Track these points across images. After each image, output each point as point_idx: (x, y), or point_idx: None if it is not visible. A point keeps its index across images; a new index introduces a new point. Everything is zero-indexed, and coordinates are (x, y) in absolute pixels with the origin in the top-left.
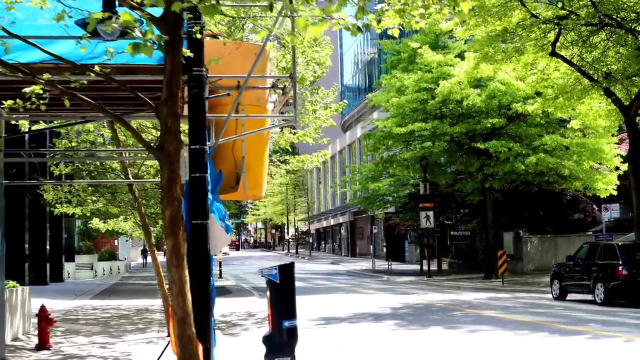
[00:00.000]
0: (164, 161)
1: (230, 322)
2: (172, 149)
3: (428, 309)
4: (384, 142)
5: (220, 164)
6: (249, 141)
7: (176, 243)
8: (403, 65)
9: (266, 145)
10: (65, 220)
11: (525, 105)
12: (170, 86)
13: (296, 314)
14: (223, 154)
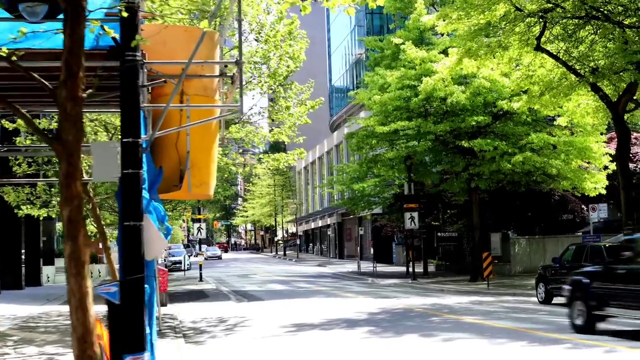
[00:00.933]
0: (60, 153)
1: (198, 329)
2: (71, 138)
3: (406, 314)
4: (367, 141)
5: (163, 160)
6: (195, 135)
7: (75, 248)
8: (386, 62)
9: (214, 139)
10: (44, 222)
11: (511, 102)
12: (69, 65)
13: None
14: (166, 149)
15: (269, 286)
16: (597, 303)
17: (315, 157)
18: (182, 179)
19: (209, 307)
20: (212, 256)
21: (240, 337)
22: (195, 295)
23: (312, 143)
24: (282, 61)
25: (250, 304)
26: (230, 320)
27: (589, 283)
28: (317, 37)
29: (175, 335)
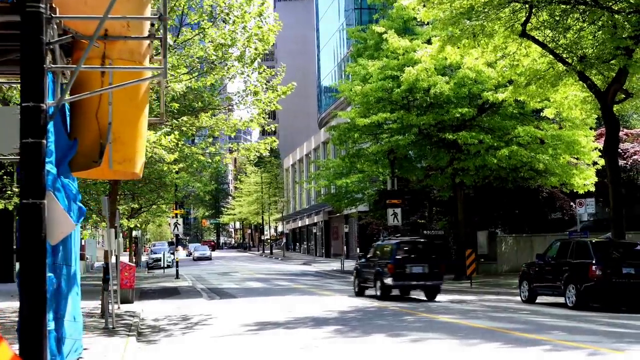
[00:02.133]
0: None
1: (157, 327)
2: None
3: (379, 312)
4: (349, 134)
5: (82, 133)
6: (118, 105)
7: None
8: (369, 53)
9: (141, 111)
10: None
11: (496, 93)
12: None
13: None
14: (86, 120)
15: (247, 284)
16: (363, 280)
17: (302, 154)
18: (103, 154)
19: (178, 305)
20: (202, 257)
21: (198, 336)
22: (168, 292)
23: (303, 141)
24: (250, 43)
25: (221, 301)
26: (194, 319)
27: (361, 269)
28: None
29: (128, 333)
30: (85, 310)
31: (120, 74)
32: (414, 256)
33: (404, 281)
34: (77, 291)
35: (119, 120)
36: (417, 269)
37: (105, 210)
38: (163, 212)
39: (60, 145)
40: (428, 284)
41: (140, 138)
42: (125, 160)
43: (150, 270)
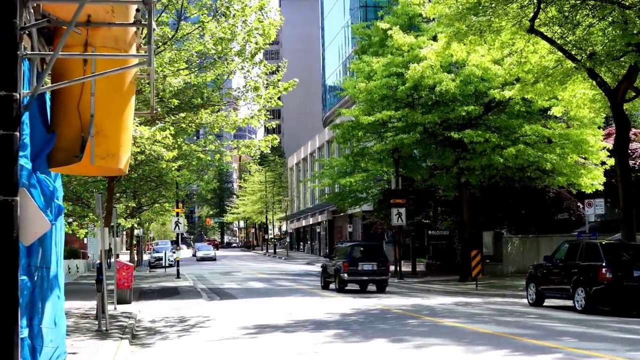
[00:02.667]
0: None
1: (153, 329)
2: None
3: (382, 315)
4: (353, 132)
5: (62, 126)
6: (102, 96)
7: None
8: (374, 50)
9: (127, 103)
10: None
11: (503, 91)
12: None
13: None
14: (66, 112)
15: (249, 284)
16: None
17: (307, 153)
18: (84, 149)
19: (176, 306)
20: (205, 257)
21: (194, 339)
22: (168, 292)
23: (307, 140)
24: (250, 37)
25: (221, 302)
26: (191, 320)
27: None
28: (314, 35)
29: (121, 336)
30: (80, 311)
31: (103, 63)
32: (365, 256)
33: (357, 276)
34: (59, 294)
35: (102, 112)
36: (368, 266)
37: (99, 209)
38: (166, 211)
39: (36, 139)
40: (377, 279)
41: (125, 132)
42: (108, 155)
43: (152, 269)
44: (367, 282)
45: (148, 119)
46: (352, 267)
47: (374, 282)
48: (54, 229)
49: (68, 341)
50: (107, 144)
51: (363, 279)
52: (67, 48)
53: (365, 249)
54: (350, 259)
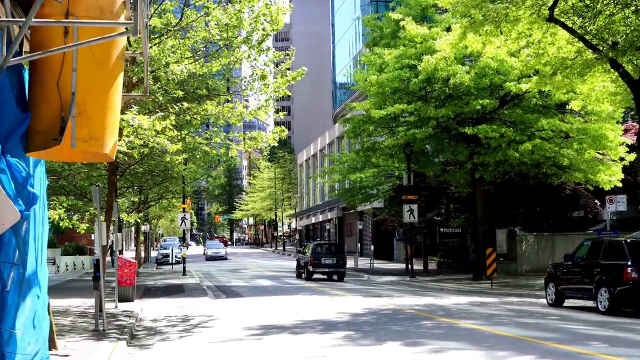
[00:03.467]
0: None
1: (153, 329)
2: None
3: (394, 316)
4: (363, 127)
5: (40, 106)
6: (84, 72)
7: None
8: (385, 42)
9: (113, 80)
10: None
11: (519, 84)
12: None
13: None
14: (45, 91)
15: (256, 282)
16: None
17: (317, 149)
18: (64, 131)
19: (181, 304)
20: (215, 256)
21: (196, 340)
22: (172, 290)
23: (316, 137)
24: (257, 24)
25: (227, 301)
26: (195, 320)
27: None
28: (324, 33)
29: (119, 337)
30: (80, 309)
31: (85, 34)
32: (327, 252)
33: (320, 268)
34: (39, 293)
35: (85, 90)
36: (329, 260)
37: (97, 201)
38: (174, 207)
39: (7, 117)
40: (337, 271)
41: (111, 112)
42: (91, 138)
43: (159, 266)
44: (329, 274)
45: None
46: (316, 261)
47: (334, 273)
48: (34, 221)
49: (61, 342)
50: (90, 125)
51: (325, 270)
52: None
53: (328, 246)
54: (315, 255)
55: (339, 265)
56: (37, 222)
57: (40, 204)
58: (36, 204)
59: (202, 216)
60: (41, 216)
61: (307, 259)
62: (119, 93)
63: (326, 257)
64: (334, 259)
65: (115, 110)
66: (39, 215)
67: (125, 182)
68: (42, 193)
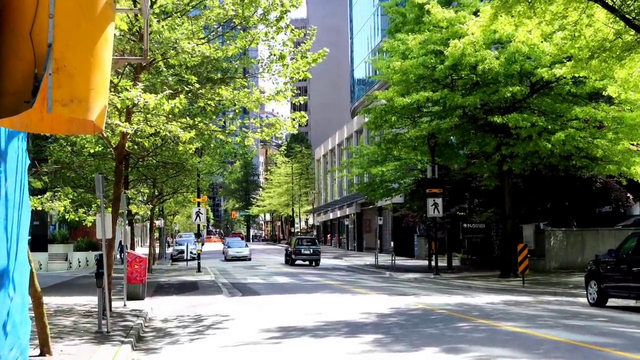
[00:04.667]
0: None
1: (163, 330)
2: None
3: (425, 317)
4: (385, 117)
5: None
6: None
7: None
8: (409, 28)
9: (101, 31)
10: None
11: (552, 70)
12: None
13: None
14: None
15: (274, 279)
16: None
17: (334, 144)
18: (37, 91)
19: (194, 302)
20: (237, 257)
21: (208, 344)
22: (186, 287)
23: (333, 132)
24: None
25: (243, 299)
26: (208, 320)
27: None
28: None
29: (123, 340)
30: (85, 309)
31: None
32: (306, 244)
33: (300, 256)
34: (11, 294)
35: (66, 41)
36: (307, 251)
37: (100, 191)
38: (189, 202)
39: None
40: (313, 258)
41: (97, 70)
42: (73, 101)
43: (174, 262)
44: (308, 260)
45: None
46: (297, 251)
47: (311, 260)
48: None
49: (58, 346)
50: (71, 85)
51: (305, 257)
52: None
53: (307, 240)
54: (296, 247)
55: (314, 254)
56: (10, 207)
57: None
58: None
59: (219, 213)
60: (18, 200)
61: (291, 250)
62: (108, 47)
63: (305, 248)
64: (311, 249)
65: (104, 68)
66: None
67: (138, 174)
68: (20, 173)
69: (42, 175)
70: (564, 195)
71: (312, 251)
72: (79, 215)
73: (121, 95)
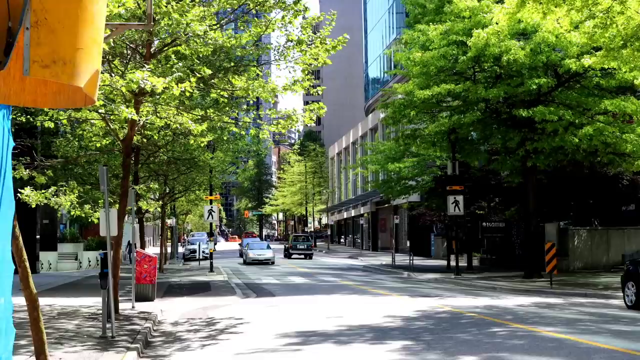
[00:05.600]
0: None
1: (172, 335)
2: None
3: (455, 321)
4: (404, 112)
5: None
6: None
7: None
8: (429, 18)
9: None
10: None
11: (580, 61)
12: None
13: None
14: None
15: (289, 279)
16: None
17: (349, 142)
18: (11, 48)
19: (205, 304)
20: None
21: (221, 350)
22: (198, 287)
23: (346, 131)
24: None
25: (257, 301)
26: (221, 323)
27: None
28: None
29: (129, 346)
30: (90, 311)
31: None
32: (301, 240)
33: (296, 250)
34: None
35: None
36: (302, 245)
37: (104, 183)
38: (201, 201)
39: None
40: (306, 252)
41: (87, 25)
42: (56, 62)
43: (186, 262)
44: (303, 254)
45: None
46: (293, 246)
47: (305, 254)
48: None
49: (57, 353)
50: (54, 42)
51: (299, 252)
52: None
53: (302, 237)
54: (293, 242)
55: (307, 249)
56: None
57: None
58: None
59: (231, 212)
60: None
61: (288, 245)
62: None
63: (300, 244)
64: (305, 245)
65: (94, 24)
66: None
67: (149, 170)
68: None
69: (45, 169)
70: (588, 193)
71: (306, 246)
72: (85, 211)
73: (126, 78)
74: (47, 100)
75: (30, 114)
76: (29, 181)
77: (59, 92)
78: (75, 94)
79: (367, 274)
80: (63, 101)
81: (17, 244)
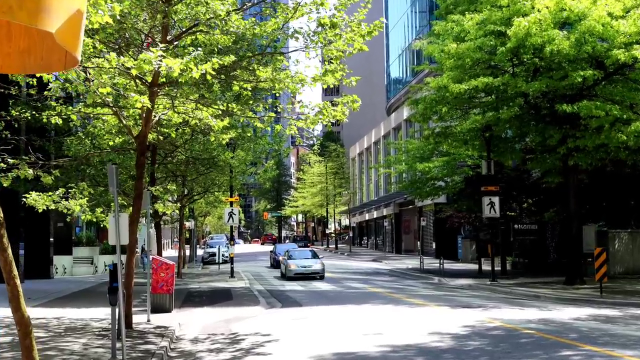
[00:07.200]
0: None
1: (192, 355)
2: None
3: (513, 340)
4: (436, 108)
5: None
6: None
7: None
8: (462, 9)
9: None
10: None
11: (630, 52)
12: None
13: None
14: None
15: (313, 285)
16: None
17: (370, 142)
18: None
19: (227, 316)
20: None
21: None
22: (219, 296)
23: (367, 131)
24: None
25: (283, 311)
26: (246, 341)
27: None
28: None
29: None
30: (102, 325)
31: None
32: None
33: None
34: None
35: None
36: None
37: (113, 184)
38: (220, 203)
39: None
40: None
41: None
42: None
43: (205, 265)
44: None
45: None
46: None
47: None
48: None
49: None
50: None
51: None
52: None
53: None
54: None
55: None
56: None
57: None
58: None
59: (250, 214)
60: None
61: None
62: None
63: (299, 243)
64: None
65: None
66: None
67: (166, 171)
68: None
69: (52, 169)
70: (629, 194)
71: (304, 244)
72: (96, 215)
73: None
74: (12, 63)
75: (35, 109)
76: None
77: (27, 50)
78: (51, 53)
79: (394, 279)
80: (34, 63)
81: (6, 257)
